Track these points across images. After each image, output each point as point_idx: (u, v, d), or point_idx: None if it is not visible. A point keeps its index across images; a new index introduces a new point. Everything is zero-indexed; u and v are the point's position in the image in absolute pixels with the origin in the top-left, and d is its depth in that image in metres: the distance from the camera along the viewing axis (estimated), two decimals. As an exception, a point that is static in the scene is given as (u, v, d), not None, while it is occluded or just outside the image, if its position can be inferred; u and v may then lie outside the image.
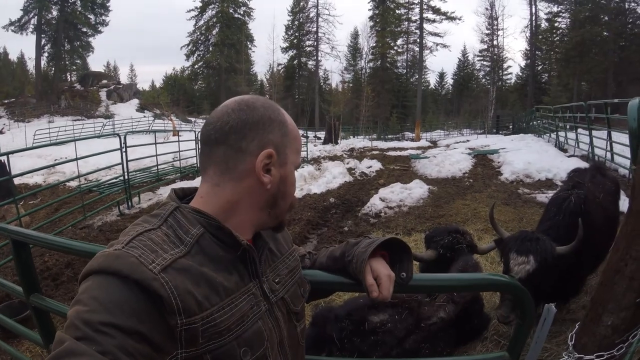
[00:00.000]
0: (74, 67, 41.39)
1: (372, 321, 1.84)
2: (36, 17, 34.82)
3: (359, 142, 21.68)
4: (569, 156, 10.03)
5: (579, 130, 10.73)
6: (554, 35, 36.86)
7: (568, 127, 12.27)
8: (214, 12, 43.84)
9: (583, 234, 2.24)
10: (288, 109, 29.75)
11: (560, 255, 2.25)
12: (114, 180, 8.78)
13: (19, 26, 34.81)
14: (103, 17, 38.54)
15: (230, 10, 44.07)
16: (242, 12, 45.35)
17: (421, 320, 1.88)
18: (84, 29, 38.15)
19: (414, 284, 0.97)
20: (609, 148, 8.35)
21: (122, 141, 7.25)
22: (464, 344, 2.29)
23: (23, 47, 63.27)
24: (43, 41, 36.30)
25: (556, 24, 36.54)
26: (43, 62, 37.19)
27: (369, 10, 43.16)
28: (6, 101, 32.61)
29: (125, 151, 7.32)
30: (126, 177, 7.56)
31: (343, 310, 1.92)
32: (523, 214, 6.15)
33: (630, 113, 1.43)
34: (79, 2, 36.90)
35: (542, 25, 38.36)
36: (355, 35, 46.99)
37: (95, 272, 0.58)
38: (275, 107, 0.78)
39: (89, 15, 37.64)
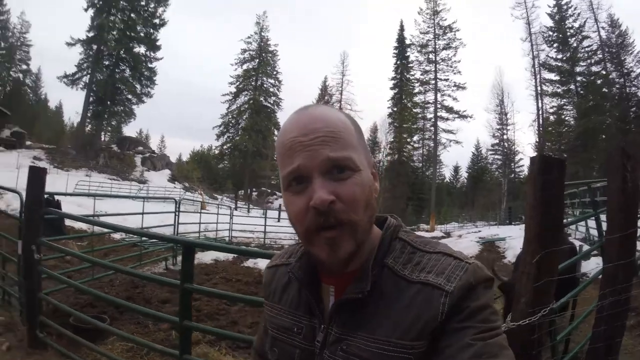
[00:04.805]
0: (109, 128, 43.38)
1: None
2: (88, 75, 37.67)
3: (375, 232, 22.25)
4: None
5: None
6: (562, 127, 37.61)
7: (577, 213, 12.47)
8: (246, 98, 47.79)
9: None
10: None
11: None
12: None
13: (71, 80, 37.53)
14: (148, 89, 41.05)
15: (261, 99, 47.56)
16: (271, 102, 49.08)
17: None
18: (129, 96, 40.49)
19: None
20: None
21: (177, 206, 8.60)
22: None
23: (62, 98, 67.71)
24: (90, 99, 38.35)
25: (562, 116, 38.08)
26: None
27: (388, 107, 46.34)
28: (46, 146, 33.93)
29: (178, 215, 8.63)
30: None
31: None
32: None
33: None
34: (128, 71, 39.83)
35: (550, 118, 39.10)
36: (374, 130, 49.48)
37: None
38: None
39: (135, 85, 40.27)
